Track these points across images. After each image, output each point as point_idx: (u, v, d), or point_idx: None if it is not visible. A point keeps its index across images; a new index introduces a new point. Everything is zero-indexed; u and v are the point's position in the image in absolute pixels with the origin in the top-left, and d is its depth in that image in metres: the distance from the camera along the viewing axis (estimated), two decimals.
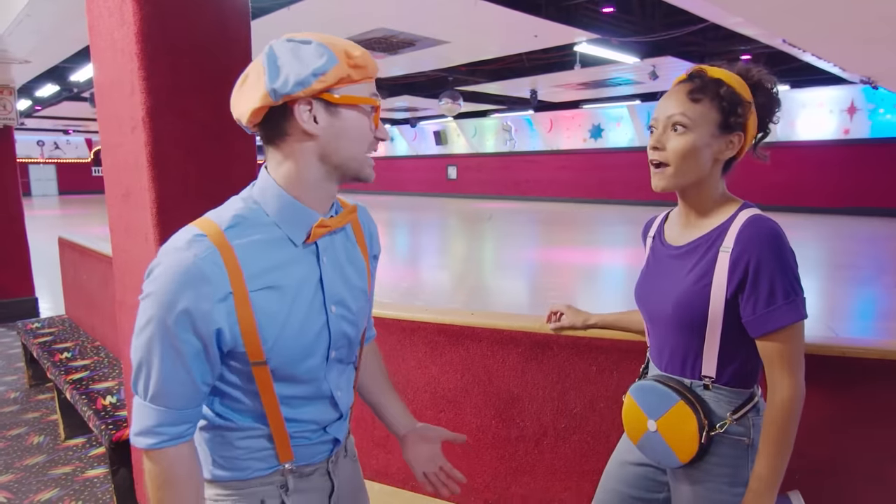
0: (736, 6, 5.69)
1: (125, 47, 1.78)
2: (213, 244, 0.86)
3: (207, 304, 0.84)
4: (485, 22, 7.88)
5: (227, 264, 0.86)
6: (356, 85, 0.91)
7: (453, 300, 7.04)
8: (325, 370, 0.98)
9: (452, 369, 1.86)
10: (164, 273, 0.84)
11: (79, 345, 3.67)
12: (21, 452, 3.16)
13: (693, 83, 1.13)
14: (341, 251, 1.01)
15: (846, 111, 15.75)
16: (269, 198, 0.92)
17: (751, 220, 1.09)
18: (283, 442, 0.97)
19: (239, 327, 0.87)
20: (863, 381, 1.41)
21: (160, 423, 0.89)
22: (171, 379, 0.87)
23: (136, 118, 1.79)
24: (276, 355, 0.91)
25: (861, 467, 1.43)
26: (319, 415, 1.00)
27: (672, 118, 1.12)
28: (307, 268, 0.94)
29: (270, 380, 0.92)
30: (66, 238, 4.49)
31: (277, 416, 0.95)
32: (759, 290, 1.05)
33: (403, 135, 27.88)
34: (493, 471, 1.85)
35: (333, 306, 0.97)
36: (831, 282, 7.60)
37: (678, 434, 1.15)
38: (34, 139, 30.12)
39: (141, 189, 1.84)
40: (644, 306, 1.27)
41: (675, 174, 1.13)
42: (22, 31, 3.87)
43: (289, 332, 0.91)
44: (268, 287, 0.89)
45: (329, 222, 0.95)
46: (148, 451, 0.90)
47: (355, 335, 1.03)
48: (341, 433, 1.06)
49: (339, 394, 1.02)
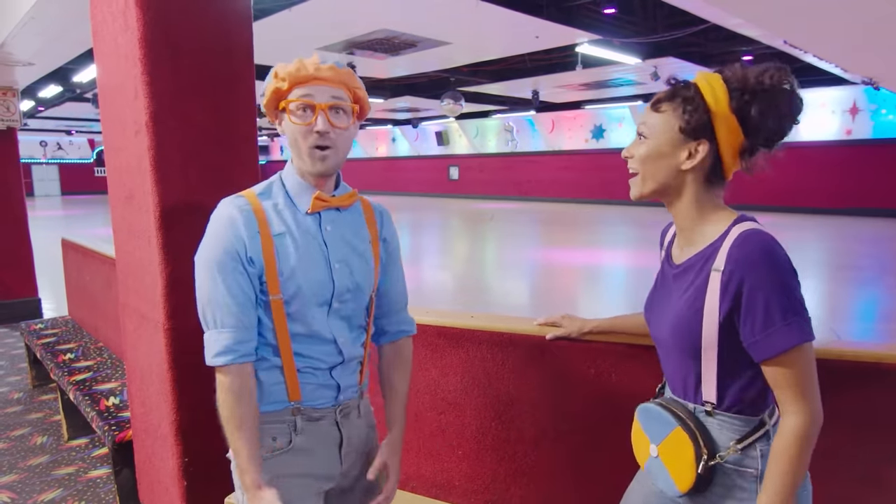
0: (736, 7, 5.69)
1: (129, 52, 1.79)
2: (248, 201, 1.17)
3: (245, 237, 1.13)
4: (487, 23, 7.89)
5: (256, 215, 1.16)
6: (289, 93, 1.17)
7: (454, 301, 7.05)
8: (328, 317, 1.20)
9: (453, 371, 1.88)
10: (216, 221, 1.16)
11: (82, 346, 3.69)
12: (24, 453, 3.18)
13: (663, 91, 1.11)
14: (347, 225, 1.25)
15: (848, 112, 15.73)
16: (289, 176, 1.23)
17: (742, 237, 1.00)
18: (292, 377, 1.18)
19: (263, 259, 1.14)
20: (858, 384, 1.41)
21: (235, 342, 1.12)
22: (233, 302, 1.12)
23: (139, 122, 1.80)
24: (290, 290, 1.15)
25: (857, 470, 1.43)
26: (324, 354, 1.21)
27: (639, 127, 1.12)
28: (313, 230, 1.21)
29: (284, 315, 1.16)
30: (70, 239, 4.51)
31: (288, 349, 1.17)
32: (755, 313, 0.97)
33: (405, 135, 27.89)
34: (492, 472, 1.86)
35: (336, 263, 1.21)
36: (833, 283, 7.59)
37: (677, 462, 1.09)
38: (37, 139, 30.19)
39: (144, 192, 1.85)
40: (651, 327, 1.22)
41: (642, 181, 1.11)
42: (26, 34, 3.89)
43: (301, 272, 1.16)
44: (282, 234, 1.17)
45: (328, 198, 1.21)
46: (226, 368, 1.12)
47: (358, 293, 1.24)
48: (344, 379, 1.24)
49: (341, 340, 1.22)
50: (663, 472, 1.13)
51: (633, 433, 1.23)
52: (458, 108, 14.38)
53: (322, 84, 1.15)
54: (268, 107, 1.20)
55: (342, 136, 1.19)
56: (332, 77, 1.17)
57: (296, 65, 1.15)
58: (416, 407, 1.96)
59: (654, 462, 1.15)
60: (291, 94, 1.16)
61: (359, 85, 1.22)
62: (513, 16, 7.42)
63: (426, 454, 1.96)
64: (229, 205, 1.17)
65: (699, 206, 1.09)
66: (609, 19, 8.58)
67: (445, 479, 1.94)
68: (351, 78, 1.20)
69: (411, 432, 1.97)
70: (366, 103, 1.25)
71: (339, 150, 1.19)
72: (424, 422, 1.95)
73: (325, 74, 1.15)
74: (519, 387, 1.79)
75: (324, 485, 1.26)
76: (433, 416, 1.93)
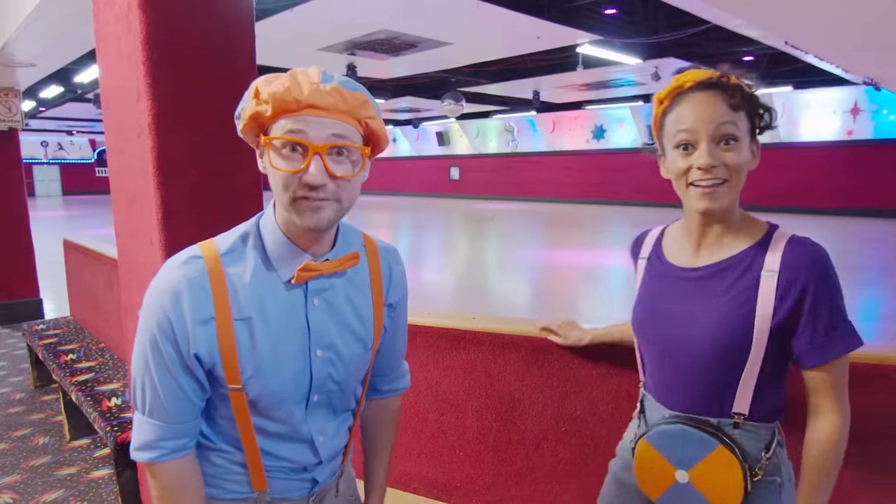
0: (738, 8, 5.70)
1: (131, 54, 1.80)
2: (205, 268, 0.88)
3: (188, 322, 0.86)
4: (487, 23, 7.90)
5: (214, 289, 0.87)
6: (276, 122, 0.84)
7: (455, 302, 7.05)
8: (306, 414, 0.96)
9: (454, 373, 1.88)
10: (156, 289, 0.88)
11: (84, 346, 3.70)
12: (27, 453, 3.19)
13: (725, 91, 1.00)
14: (343, 295, 0.96)
15: (849, 112, 15.73)
16: (268, 231, 0.92)
17: (800, 242, 0.99)
18: (256, 471, 0.96)
19: (219, 351, 0.87)
20: (860, 385, 1.42)
21: (160, 438, 0.90)
22: (164, 392, 0.88)
23: (142, 124, 1.81)
24: (254, 387, 0.90)
25: (858, 472, 1.44)
26: (297, 455, 0.97)
27: (721, 130, 0.98)
28: (295, 307, 0.92)
29: (247, 408, 0.92)
30: (72, 240, 4.51)
31: (252, 445, 0.94)
32: (819, 318, 0.97)
33: (406, 136, 27.91)
34: (494, 474, 1.87)
35: (319, 350, 0.94)
36: None
37: (718, 484, 1.01)
38: (38, 140, 30.24)
39: (147, 194, 1.86)
40: (652, 337, 1.12)
41: (731, 190, 1.00)
42: (28, 36, 3.90)
43: (267, 367, 0.89)
44: (252, 318, 0.89)
45: (319, 266, 0.91)
46: (150, 465, 0.91)
47: (346, 382, 0.99)
48: (322, 475, 1.02)
49: (320, 439, 0.98)
50: (697, 499, 1.03)
51: (642, 463, 1.10)
52: (458, 109, 14.39)
53: (320, 114, 0.83)
54: (246, 133, 0.89)
55: (346, 189, 0.88)
56: (335, 105, 0.83)
57: (284, 82, 0.82)
58: (417, 408, 1.96)
59: (683, 490, 1.04)
60: (276, 124, 0.84)
61: (372, 114, 0.88)
62: (514, 16, 7.43)
63: (427, 455, 1.97)
64: (181, 270, 0.87)
65: (736, 206, 1.06)
66: (610, 20, 8.58)
67: (447, 481, 1.94)
68: (364, 106, 0.87)
69: (412, 433, 1.98)
70: (382, 138, 0.93)
71: (341, 203, 0.88)
72: (426, 423, 1.95)
73: (325, 102, 0.82)
74: (520, 388, 1.79)
75: None
76: (434, 417, 1.94)
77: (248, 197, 1.93)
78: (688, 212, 1.08)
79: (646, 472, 1.10)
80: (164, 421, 0.89)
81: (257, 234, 0.92)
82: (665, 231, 1.19)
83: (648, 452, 1.08)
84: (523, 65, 12.13)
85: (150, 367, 0.88)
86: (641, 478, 1.11)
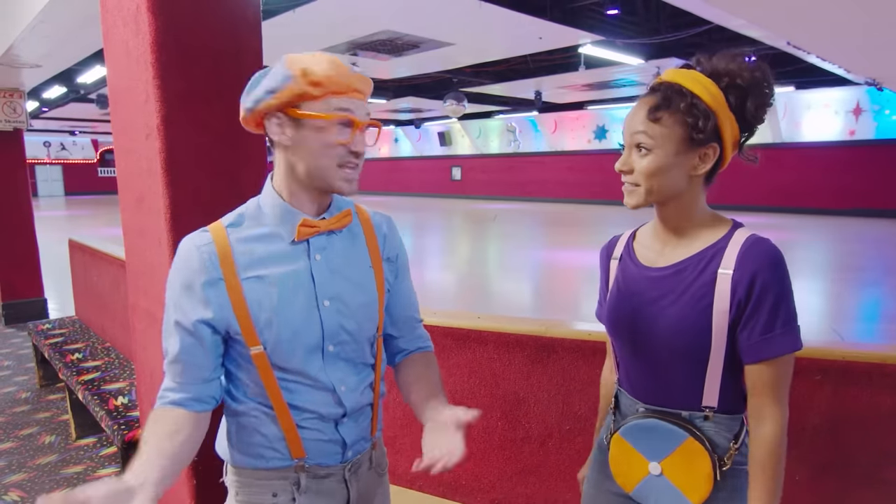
0: (739, 8, 5.70)
1: (140, 56, 1.82)
2: (211, 237, 1.00)
3: (197, 282, 0.98)
4: (489, 24, 7.91)
5: (220, 254, 0.99)
6: (319, 101, 0.96)
7: (458, 301, 7.06)
8: (323, 363, 1.03)
9: (459, 372, 1.90)
10: (175, 260, 1.01)
11: (89, 346, 3.72)
12: (33, 452, 3.21)
13: (653, 98, 1.03)
14: (342, 251, 1.07)
15: (852, 112, 15.71)
16: (267, 199, 1.04)
17: (755, 241, 1.01)
18: (291, 431, 1.03)
19: (233, 311, 0.98)
20: (861, 385, 1.43)
21: (166, 388, 1.02)
22: (182, 351, 0.99)
23: (150, 125, 1.83)
24: (270, 341, 0.99)
25: (859, 470, 1.45)
26: (322, 406, 1.04)
27: (634, 139, 1.05)
28: (298, 263, 1.02)
29: (270, 366, 1.00)
30: (77, 240, 4.54)
31: (280, 402, 1.02)
32: (760, 315, 0.99)
33: (408, 136, 27.92)
34: (499, 471, 1.88)
35: (326, 301, 1.02)
36: (836, 284, 7.59)
37: (689, 474, 1.05)
38: (41, 140, 30.30)
39: (155, 194, 1.88)
40: (623, 334, 1.15)
41: (645, 193, 1.06)
42: (34, 37, 3.92)
43: (280, 319, 0.99)
44: (258, 276, 0.99)
45: (317, 223, 1.03)
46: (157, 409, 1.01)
47: (357, 332, 1.06)
48: (351, 434, 1.08)
49: (342, 388, 1.05)
50: (669, 489, 1.07)
51: (615, 458, 1.14)
52: (460, 109, 14.41)
53: (358, 97, 0.99)
54: (271, 109, 0.97)
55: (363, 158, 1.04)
56: (365, 90, 1.01)
57: (330, 69, 0.94)
58: None
59: (656, 481, 1.08)
60: (323, 102, 0.96)
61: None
62: (516, 17, 7.44)
63: None
64: (191, 242, 1.01)
65: (696, 207, 1.08)
66: (612, 20, 8.59)
67: (452, 478, 1.96)
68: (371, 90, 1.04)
69: (418, 431, 1.99)
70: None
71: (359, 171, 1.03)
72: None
73: (363, 87, 0.99)
74: (525, 387, 1.80)
75: None
76: None
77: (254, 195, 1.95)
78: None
79: (621, 466, 1.13)
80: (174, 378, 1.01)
81: (258, 206, 1.05)
82: (636, 233, 1.23)
83: (622, 446, 1.12)
84: (525, 65, 12.13)
85: (169, 328, 1.00)
86: (616, 471, 1.15)
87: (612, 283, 1.21)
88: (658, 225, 1.13)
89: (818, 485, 1.48)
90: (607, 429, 1.21)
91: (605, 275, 1.25)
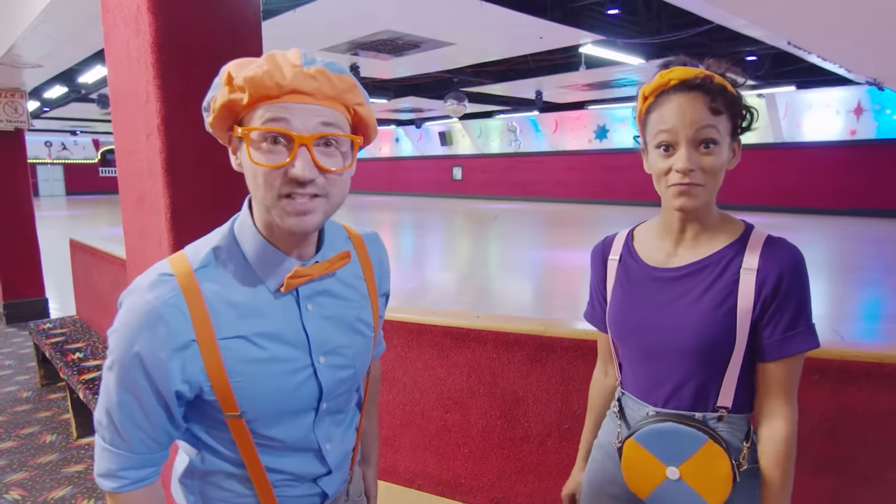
0: (740, 8, 5.71)
1: (140, 56, 1.82)
2: (178, 287, 0.78)
3: (163, 351, 0.77)
4: (490, 24, 7.92)
5: (191, 310, 0.78)
6: (254, 111, 0.76)
7: (459, 302, 7.07)
8: (315, 424, 0.90)
9: (459, 371, 1.90)
10: (125, 313, 0.79)
11: (90, 345, 3.73)
12: (34, 451, 3.22)
13: (707, 93, 0.99)
14: (337, 295, 0.90)
15: (853, 112, 15.70)
16: (246, 236, 0.83)
17: (777, 241, 1.02)
18: (264, 490, 0.89)
19: (208, 377, 0.79)
20: (862, 384, 1.43)
21: (121, 468, 0.83)
22: (129, 423, 0.80)
23: (150, 126, 1.83)
24: (253, 410, 0.82)
25: (859, 469, 1.45)
26: (304, 467, 0.91)
27: (701, 133, 0.99)
28: (288, 316, 0.84)
29: (248, 432, 0.84)
30: (78, 240, 4.55)
31: (257, 466, 0.87)
32: (785, 312, 0.99)
33: (409, 135, 27.94)
34: (498, 470, 1.89)
35: (322, 357, 0.86)
36: (837, 284, 7.59)
37: (708, 477, 1.03)
38: (42, 140, 30.35)
39: (155, 194, 1.89)
40: (632, 338, 1.12)
41: (706, 192, 1.01)
42: (36, 37, 3.93)
43: (267, 386, 0.82)
44: (240, 336, 0.80)
45: (309, 271, 0.83)
46: (112, 494, 0.84)
47: (353, 381, 0.93)
48: (332, 487, 0.96)
49: (327, 447, 0.92)
50: (687, 493, 1.05)
51: (629, 465, 1.11)
52: (461, 109, 14.41)
53: (305, 100, 0.75)
54: (216, 127, 0.80)
55: (336, 184, 0.79)
56: (321, 90, 0.75)
57: (262, 65, 0.74)
58: (422, 405, 1.98)
59: (674, 486, 1.06)
60: (253, 113, 0.76)
61: (361, 100, 0.81)
62: (516, 16, 7.45)
63: (432, 452, 1.99)
64: (151, 293, 0.78)
65: (714, 205, 1.07)
66: (613, 20, 8.60)
67: (451, 477, 1.97)
68: (352, 90, 0.79)
69: (417, 431, 2.00)
70: (371, 127, 0.85)
71: (330, 200, 0.80)
72: (430, 420, 1.98)
73: (310, 86, 0.75)
74: (524, 386, 1.81)
75: None
76: (439, 414, 1.96)
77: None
78: (666, 210, 1.09)
79: (635, 472, 1.10)
80: (126, 451, 0.82)
81: (233, 241, 0.83)
82: (633, 232, 1.20)
83: (637, 452, 1.09)
84: (526, 65, 12.14)
85: (114, 395, 0.79)
86: (630, 477, 1.11)
87: (611, 284, 1.17)
88: (673, 222, 1.08)
89: (817, 484, 1.48)
90: (612, 434, 1.19)
91: (602, 275, 1.21)
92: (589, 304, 1.27)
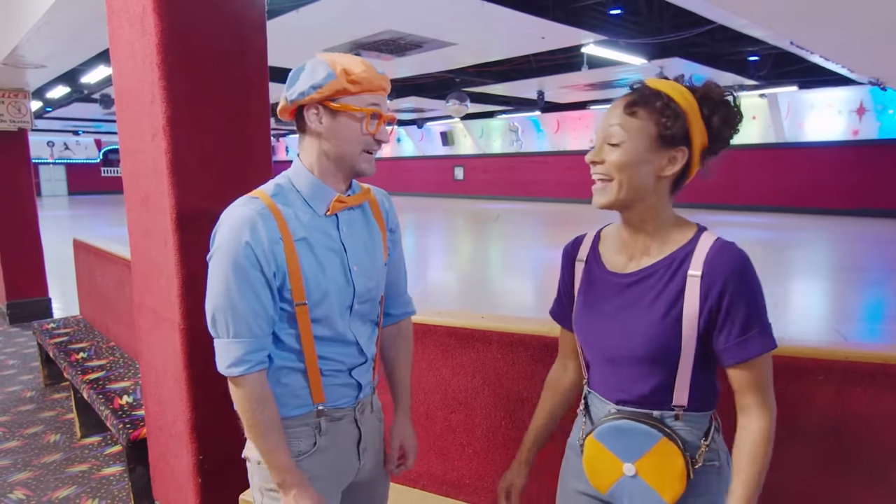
0: (742, 8, 5.70)
1: (146, 57, 1.83)
2: (264, 203, 1.12)
3: (266, 242, 1.08)
4: (492, 24, 7.92)
5: (276, 218, 1.11)
6: (354, 96, 1.12)
7: (460, 301, 7.07)
8: (349, 320, 1.20)
9: (463, 371, 1.90)
10: (230, 224, 1.09)
11: (94, 345, 3.74)
12: (38, 450, 3.23)
13: (631, 96, 1.07)
14: (361, 225, 1.24)
15: (855, 112, 15.68)
16: (300, 177, 1.17)
17: (721, 246, 1.04)
18: (315, 380, 1.17)
19: (288, 270, 1.10)
20: (864, 385, 1.43)
21: (246, 352, 1.10)
22: (248, 310, 1.09)
23: (156, 126, 1.84)
24: (314, 298, 1.13)
25: (861, 470, 1.45)
26: (346, 356, 1.21)
27: (607, 131, 1.06)
28: (331, 234, 1.18)
29: (309, 321, 1.14)
30: (81, 240, 4.55)
31: (311, 352, 1.16)
32: (735, 319, 1.01)
33: (410, 135, 27.93)
34: (502, 471, 1.88)
35: (355, 266, 1.20)
36: (839, 284, 7.58)
37: (663, 474, 1.07)
38: (44, 140, 30.39)
39: (160, 194, 1.89)
40: (593, 340, 1.16)
41: (617, 188, 1.06)
42: (40, 38, 3.94)
43: (322, 279, 1.14)
44: (304, 240, 1.13)
45: (346, 199, 1.19)
46: (241, 378, 1.10)
47: (376, 293, 1.25)
48: (364, 378, 1.25)
49: (362, 340, 1.23)
50: (643, 489, 1.09)
51: (589, 460, 1.16)
52: (463, 109, 14.42)
53: (384, 95, 1.17)
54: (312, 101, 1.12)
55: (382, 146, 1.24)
56: (389, 89, 1.19)
57: (365, 70, 1.12)
58: (426, 406, 1.98)
59: (630, 482, 1.10)
60: (357, 97, 1.13)
61: None
62: (518, 17, 7.45)
63: (436, 452, 1.99)
64: (246, 207, 1.10)
65: (664, 211, 1.10)
66: (615, 20, 8.59)
67: (455, 478, 1.97)
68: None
69: (421, 430, 2.00)
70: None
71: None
72: (435, 421, 1.98)
73: (387, 86, 1.18)
74: (528, 386, 1.81)
75: (343, 482, 1.28)
76: (443, 414, 1.96)
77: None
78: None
79: (595, 467, 1.15)
80: (248, 336, 1.10)
81: (289, 182, 1.18)
82: (601, 234, 1.23)
83: (596, 448, 1.14)
84: (528, 65, 12.13)
85: (233, 292, 1.08)
86: (591, 473, 1.16)
87: (577, 286, 1.22)
88: (623, 230, 1.14)
89: (821, 485, 1.48)
90: (579, 432, 1.22)
91: (569, 276, 1.26)
92: (556, 301, 1.31)
